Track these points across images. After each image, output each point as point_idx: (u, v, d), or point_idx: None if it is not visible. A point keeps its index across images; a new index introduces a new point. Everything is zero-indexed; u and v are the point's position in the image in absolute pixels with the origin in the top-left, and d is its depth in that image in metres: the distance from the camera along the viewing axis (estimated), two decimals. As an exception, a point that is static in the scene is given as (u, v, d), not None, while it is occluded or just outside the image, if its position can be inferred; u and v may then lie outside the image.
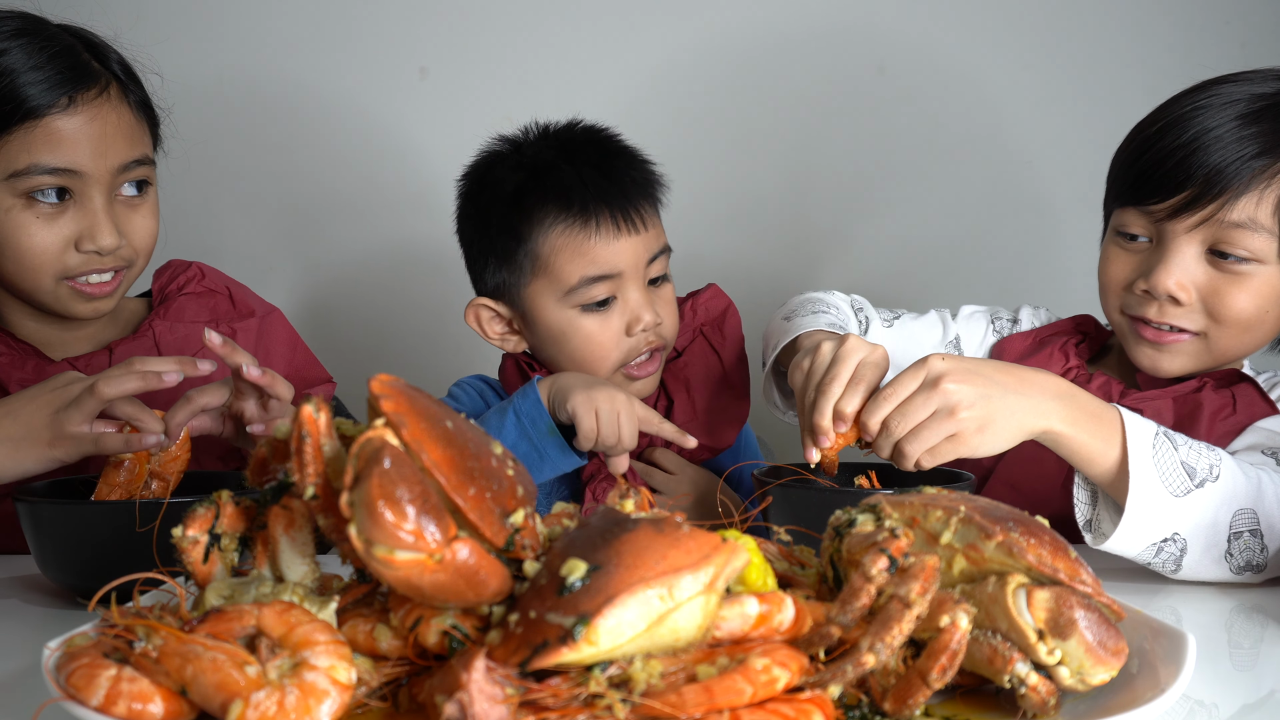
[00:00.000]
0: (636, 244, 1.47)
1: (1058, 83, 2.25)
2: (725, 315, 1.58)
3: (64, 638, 0.75)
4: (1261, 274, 1.36)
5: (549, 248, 1.46)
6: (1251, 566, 1.21)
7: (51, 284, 1.38)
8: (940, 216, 2.28)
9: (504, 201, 1.49)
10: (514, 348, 1.55)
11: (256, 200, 2.22)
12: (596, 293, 1.46)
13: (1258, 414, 1.41)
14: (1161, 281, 1.37)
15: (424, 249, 2.24)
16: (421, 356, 2.26)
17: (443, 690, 0.67)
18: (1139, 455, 1.17)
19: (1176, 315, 1.39)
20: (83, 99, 1.34)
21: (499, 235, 1.49)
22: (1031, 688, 0.76)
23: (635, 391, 1.51)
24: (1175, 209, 1.36)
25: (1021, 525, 0.80)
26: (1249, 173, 1.33)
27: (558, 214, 1.46)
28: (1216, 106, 1.37)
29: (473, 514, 0.72)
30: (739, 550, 0.73)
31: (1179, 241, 1.37)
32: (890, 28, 2.26)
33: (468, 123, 2.22)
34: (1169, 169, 1.36)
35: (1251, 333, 1.40)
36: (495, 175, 1.51)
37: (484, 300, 1.53)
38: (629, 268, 1.47)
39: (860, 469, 1.27)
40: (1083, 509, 1.24)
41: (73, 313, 1.41)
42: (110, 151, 1.36)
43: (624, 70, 2.23)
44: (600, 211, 1.45)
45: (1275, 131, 1.35)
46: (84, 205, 1.36)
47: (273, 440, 0.82)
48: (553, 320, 1.48)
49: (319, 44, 2.19)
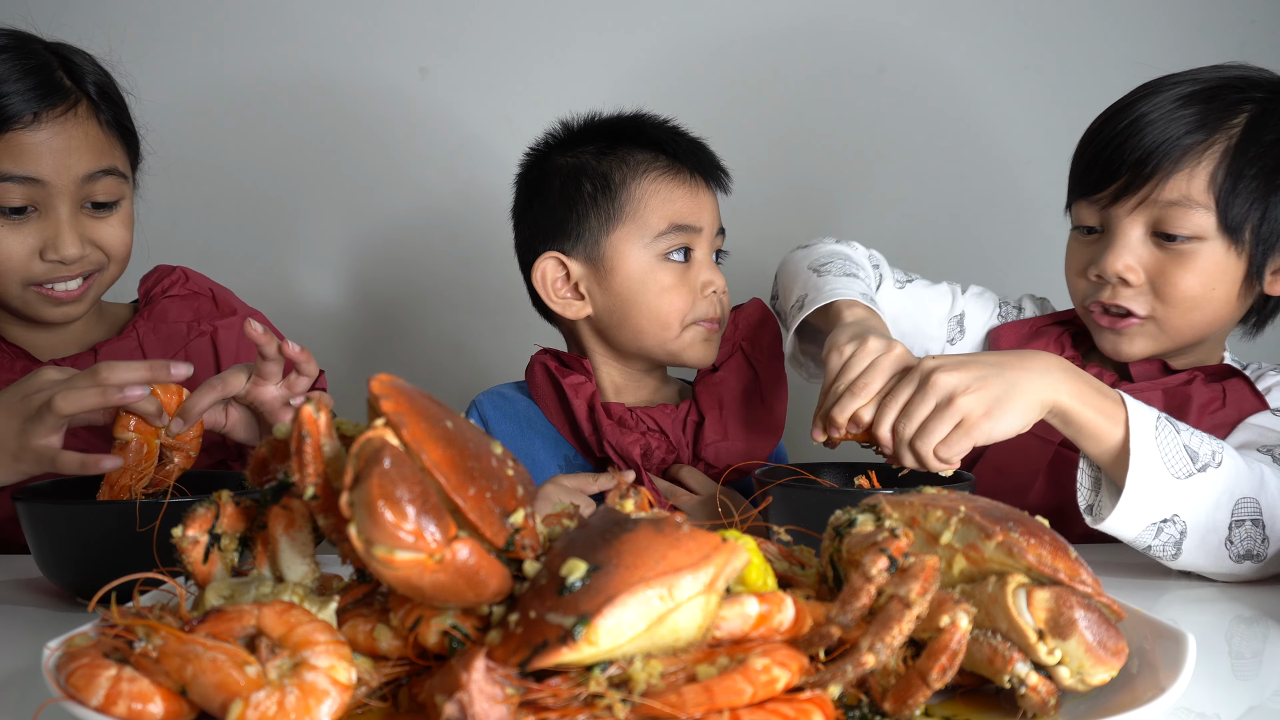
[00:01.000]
0: (712, 203, 1.54)
1: (1057, 82, 2.25)
2: (763, 328, 1.58)
3: (64, 638, 0.75)
4: (1203, 251, 1.38)
5: (640, 192, 1.49)
6: (1251, 556, 1.22)
7: (19, 290, 1.42)
8: (940, 215, 2.28)
9: (590, 152, 1.53)
10: (576, 313, 1.53)
11: (256, 200, 2.22)
12: (679, 241, 1.50)
13: (1247, 408, 1.42)
14: (1110, 264, 1.41)
15: (424, 249, 2.24)
16: (421, 356, 2.26)
17: (443, 690, 0.67)
18: (1141, 435, 1.18)
19: (1126, 297, 1.42)
20: (49, 115, 1.38)
21: (585, 183, 1.51)
22: (1031, 688, 0.76)
23: (699, 360, 1.52)
24: (1116, 194, 1.40)
25: (1021, 525, 0.80)
26: (1178, 151, 1.37)
27: (652, 160, 1.50)
28: (1154, 96, 1.41)
29: (473, 514, 0.72)
30: (739, 550, 0.73)
31: (1123, 225, 1.40)
32: (890, 28, 2.26)
33: (468, 123, 2.23)
34: (1108, 156, 1.40)
35: (1200, 310, 1.41)
36: (573, 138, 1.55)
37: (555, 254, 1.51)
38: (707, 225, 1.52)
39: (860, 469, 1.28)
40: (1085, 494, 1.24)
41: (42, 317, 1.45)
42: (74, 164, 1.39)
43: (623, 71, 2.23)
44: (691, 163, 1.51)
45: (1207, 113, 1.38)
46: (48, 215, 1.40)
47: (273, 440, 0.82)
48: (634, 268, 1.49)
49: (319, 44, 2.19)
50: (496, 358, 2.23)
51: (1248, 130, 1.37)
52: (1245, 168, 1.36)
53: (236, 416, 1.31)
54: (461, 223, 2.23)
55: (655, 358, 1.53)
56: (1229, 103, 1.39)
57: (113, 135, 1.44)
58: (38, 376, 1.19)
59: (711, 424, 1.52)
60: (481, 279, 2.22)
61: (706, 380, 1.55)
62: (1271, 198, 1.38)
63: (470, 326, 2.25)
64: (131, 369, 1.16)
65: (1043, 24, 2.27)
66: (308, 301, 2.24)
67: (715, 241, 1.54)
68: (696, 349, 1.51)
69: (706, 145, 1.57)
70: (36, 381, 1.19)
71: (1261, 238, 1.38)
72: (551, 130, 1.58)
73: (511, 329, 2.20)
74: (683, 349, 1.50)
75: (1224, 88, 1.40)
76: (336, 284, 2.25)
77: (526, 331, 2.18)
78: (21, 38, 1.43)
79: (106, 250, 1.44)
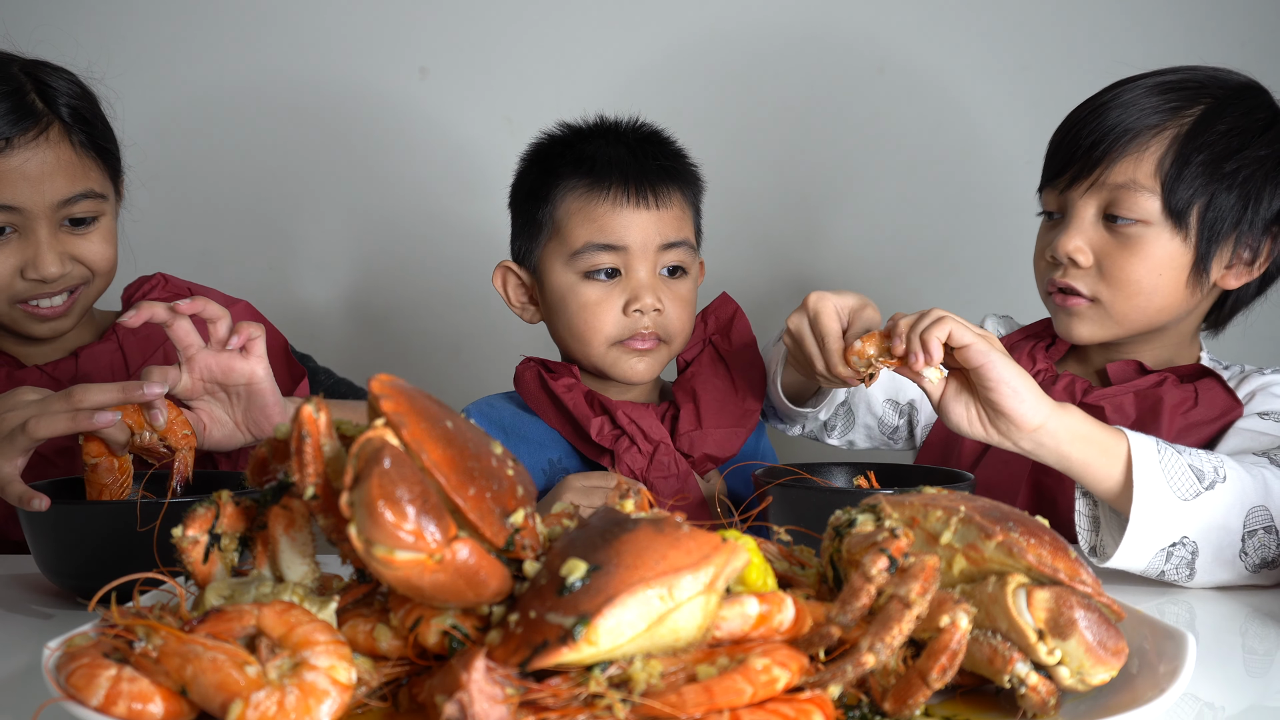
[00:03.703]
0: (647, 220, 1.49)
1: (1056, 83, 2.25)
2: (733, 321, 1.58)
3: (64, 638, 0.75)
4: (1148, 236, 1.41)
5: (563, 210, 1.50)
6: (1267, 564, 1.21)
7: (6, 308, 1.45)
8: (937, 215, 2.28)
9: (536, 165, 1.55)
10: (531, 318, 1.58)
11: (255, 201, 2.22)
12: (600, 261, 1.48)
13: (1220, 407, 1.43)
14: (1061, 245, 1.44)
15: (424, 249, 2.24)
16: (420, 357, 2.26)
17: (443, 690, 0.67)
18: (1144, 461, 1.17)
19: (1075, 277, 1.45)
20: (20, 141, 1.39)
21: (528, 198, 1.54)
22: (1031, 688, 0.76)
23: (634, 377, 1.51)
24: (1072, 178, 1.44)
25: (1021, 525, 0.80)
26: (1129, 135, 1.40)
27: (574, 178, 1.50)
28: (1121, 88, 1.45)
29: (473, 514, 0.72)
30: (739, 550, 0.73)
31: (1077, 208, 1.44)
32: (890, 28, 2.26)
33: (468, 123, 2.23)
34: (1069, 142, 1.45)
35: (1145, 296, 1.43)
36: (543, 148, 1.57)
37: (509, 262, 1.57)
38: (636, 244, 1.49)
39: (860, 469, 1.28)
40: (1085, 536, 1.24)
41: (31, 333, 1.48)
42: (49, 188, 1.41)
43: (622, 71, 2.23)
44: (613, 179, 1.49)
45: (1164, 102, 1.42)
46: (27, 237, 1.42)
47: (273, 440, 0.82)
48: (557, 283, 1.51)
49: (319, 44, 2.19)
50: (495, 359, 2.23)
51: (1200, 120, 1.40)
52: (1193, 154, 1.39)
53: (207, 416, 1.31)
54: (461, 223, 2.23)
55: (591, 370, 1.54)
56: (1189, 95, 1.42)
57: (87, 156, 1.45)
58: (14, 396, 1.19)
59: (686, 415, 1.53)
60: (481, 280, 2.21)
61: (679, 379, 1.57)
62: (1216, 185, 1.40)
63: (469, 328, 2.25)
64: (104, 391, 1.15)
65: (1041, 24, 2.27)
66: (307, 302, 2.24)
67: (664, 257, 1.50)
68: (623, 366, 1.51)
69: (670, 153, 1.55)
70: (11, 401, 1.18)
71: (1206, 225, 1.40)
72: (530, 143, 1.60)
73: (510, 331, 2.20)
74: (608, 366, 1.51)
75: (1189, 83, 1.44)
76: (335, 285, 2.25)
77: (525, 333, 2.18)
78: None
79: (89, 265, 1.46)
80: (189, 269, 1.69)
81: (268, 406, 1.31)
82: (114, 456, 1.19)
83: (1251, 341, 1.69)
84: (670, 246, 1.50)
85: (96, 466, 1.18)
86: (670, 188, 1.52)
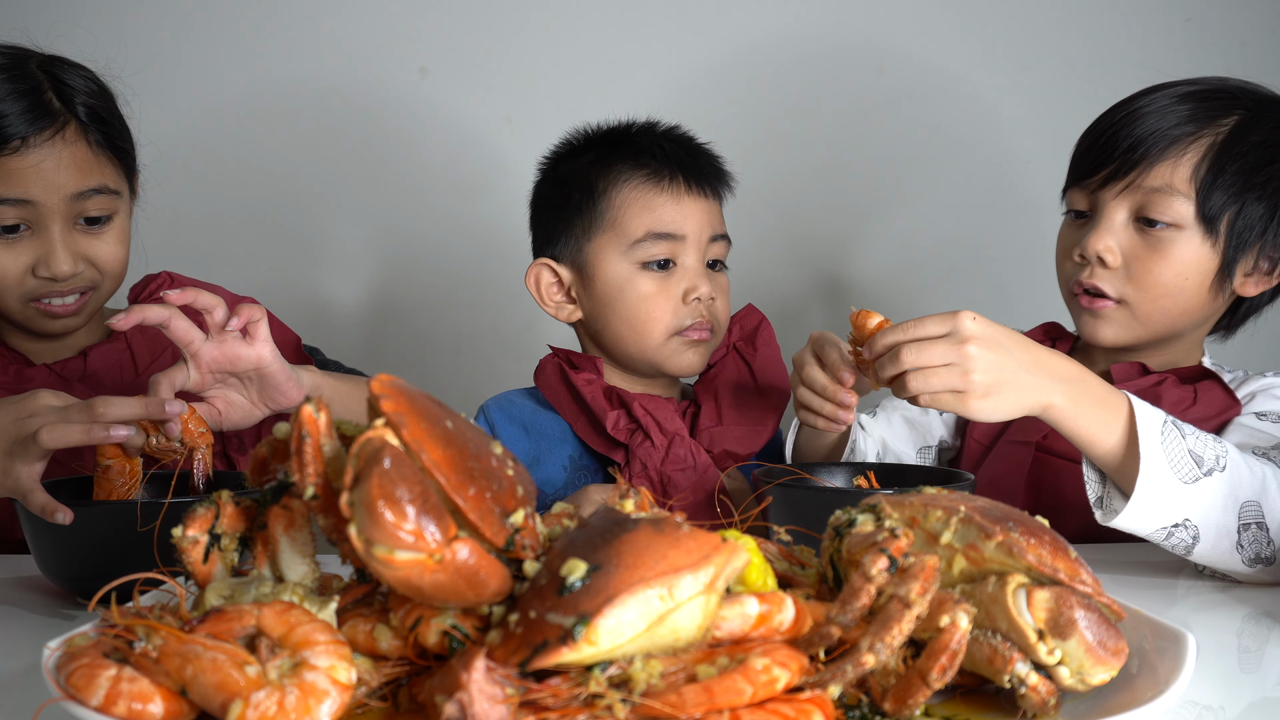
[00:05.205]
0: (701, 210, 1.53)
1: (1057, 83, 2.25)
2: (758, 330, 1.60)
3: (64, 638, 0.75)
4: (1180, 240, 1.43)
5: (620, 200, 1.52)
6: (1262, 559, 1.22)
7: (19, 305, 1.46)
8: (940, 217, 2.28)
9: (585, 161, 1.56)
10: (568, 316, 1.57)
11: (257, 202, 2.22)
12: (658, 251, 1.50)
13: (1218, 406, 1.44)
14: (1091, 244, 1.45)
15: (424, 249, 2.24)
16: (422, 356, 2.26)
17: (443, 690, 0.67)
18: (1148, 440, 1.18)
19: (1101, 277, 1.46)
20: (36, 140, 1.41)
21: (574, 192, 1.55)
22: (1031, 688, 0.76)
23: (688, 370, 1.53)
24: (1105, 179, 1.45)
25: (1021, 525, 0.80)
26: (1166, 141, 1.42)
27: (632, 170, 1.52)
28: (1155, 93, 1.47)
29: (473, 514, 0.72)
30: (739, 550, 0.73)
31: (1109, 208, 1.45)
32: (890, 28, 2.26)
33: (468, 123, 2.23)
34: (1102, 144, 1.46)
35: (1171, 299, 1.45)
36: (578, 147, 1.59)
37: (546, 260, 1.56)
38: (692, 233, 1.51)
39: (860, 469, 1.28)
40: (1093, 486, 1.25)
41: (43, 329, 1.49)
42: (63, 184, 1.42)
43: (622, 72, 2.23)
44: (672, 171, 1.52)
45: (1200, 110, 1.44)
46: (41, 234, 1.43)
47: (273, 440, 0.82)
48: (612, 275, 1.52)
49: (319, 45, 2.19)
50: (497, 358, 2.23)
51: (1236, 129, 1.43)
52: (1228, 163, 1.41)
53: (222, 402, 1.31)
54: (461, 222, 2.23)
55: (638, 366, 1.54)
56: (1223, 104, 1.44)
57: (103, 154, 1.46)
58: (34, 400, 1.17)
59: (707, 411, 1.55)
60: (482, 279, 2.23)
61: (702, 379, 1.59)
62: (1248, 195, 1.42)
63: (470, 327, 2.25)
64: (126, 405, 1.15)
65: (1043, 24, 2.27)
66: (307, 302, 2.23)
67: (711, 249, 1.54)
68: (679, 359, 1.53)
69: (707, 151, 1.58)
70: (31, 405, 1.17)
71: (1235, 233, 1.43)
72: (561, 140, 1.61)
73: (512, 329, 2.20)
74: (664, 359, 1.52)
75: (1222, 92, 1.46)
76: (335, 285, 2.25)
77: (527, 332, 2.18)
78: (15, 57, 1.44)
79: (100, 267, 1.47)
80: (192, 268, 1.69)
81: (281, 385, 1.31)
82: (128, 459, 1.19)
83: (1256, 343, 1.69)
84: (717, 239, 1.55)
85: (109, 469, 1.19)
86: (717, 182, 1.56)
